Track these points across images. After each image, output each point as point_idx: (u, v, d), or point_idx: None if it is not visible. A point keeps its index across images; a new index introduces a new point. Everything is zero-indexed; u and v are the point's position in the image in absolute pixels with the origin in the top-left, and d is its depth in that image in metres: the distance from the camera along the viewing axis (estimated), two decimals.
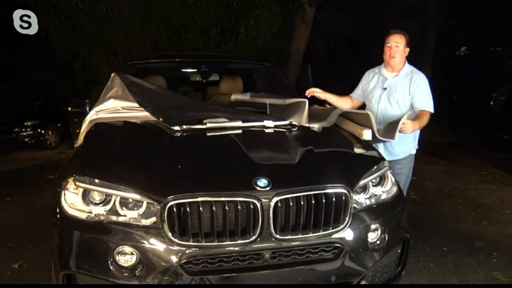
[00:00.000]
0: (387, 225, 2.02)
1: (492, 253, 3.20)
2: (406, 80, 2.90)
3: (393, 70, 2.96)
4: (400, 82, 2.91)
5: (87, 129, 2.52)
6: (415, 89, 2.84)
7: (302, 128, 2.50)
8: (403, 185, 2.89)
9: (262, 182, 1.78)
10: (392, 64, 2.92)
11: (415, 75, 2.89)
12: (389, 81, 2.95)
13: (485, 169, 6.15)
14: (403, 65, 2.94)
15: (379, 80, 3.03)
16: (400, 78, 2.92)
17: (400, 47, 2.88)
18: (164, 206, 1.69)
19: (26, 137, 9.64)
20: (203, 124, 2.34)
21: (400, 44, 2.88)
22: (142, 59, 4.10)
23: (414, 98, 2.85)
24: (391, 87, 2.93)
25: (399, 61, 2.91)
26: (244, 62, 4.25)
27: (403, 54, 2.91)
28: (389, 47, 2.90)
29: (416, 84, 2.85)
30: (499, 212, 4.20)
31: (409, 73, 2.92)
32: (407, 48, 2.93)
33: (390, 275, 2.16)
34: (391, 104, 2.92)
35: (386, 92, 2.95)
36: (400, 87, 2.89)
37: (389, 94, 2.93)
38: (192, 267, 1.74)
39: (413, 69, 2.95)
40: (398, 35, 2.90)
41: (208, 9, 7.78)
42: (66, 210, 1.82)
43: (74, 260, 1.76)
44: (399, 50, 2.88)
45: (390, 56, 2.89)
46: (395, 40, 2.89)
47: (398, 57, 2.89)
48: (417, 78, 2.87)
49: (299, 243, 1.82)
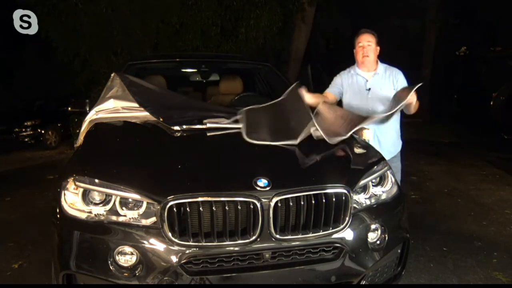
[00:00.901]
0: (387, 225, 2.02)
1: (492, 253, 3.20)
2: (387, 77, 2.93)
3: (369, 70, 2.96)
4: (382, 80, 2.94)
5: (87, 129, 2.52)
6: (398, 84, 2.89)
7: None
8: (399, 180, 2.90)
9: (262, 182, 1.78)
10: (367, 63, 2.93)
11: (394, 71, 2.94)
12: (371, 80, 2.95)
13: (485, 169, 6.15)
14: (377, 63, 2.97)
15: (358, 81, 3.00)
16: (380, 76, 2.94)
17: (372, 45, 2.90)
18: (164, 206, 1.69)
19: (26, 137, 9.64)
20: (203, 124, 2.34)
21: (371, 42, 2.90)
22: (142, 59, 4.10)
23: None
24: (374, 87, 2.94)
25: (373, 60, 2.93)
26: (244, 62, 4.25)
27: (375, 53, 2.93)
28: (361, 46, 2.91)
29: (398, 79, 2.90)
30: (499, 212, 4.20)
31: (386, 69, 2.96)
32: (378, 47, 2.95)
33: (390, 275, 2.16)
34: (381, 103, 2.89)
35: (371, 92, 2.94)
36: (384, 85, 2.92)
37: (376, 94, 2.92)
38: (192, 267, 1.73)
39: (387, 66, 2.99)
40: (369, 34, 2.92)
41: (208, 9, 7.79)
42: (66, 210, 1.81)
43: (74, 260, 1.76)
44: (371, 49, 2.90)
45: (364, 55, 2.90)
46: (366, 39, 2.91)
47: (371, 56, 2.91)
48: (396, 72, 2.93)
49: (299, 243, 1.82)
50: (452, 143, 8.92)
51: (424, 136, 8.80)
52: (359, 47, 2.94)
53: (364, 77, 2.98)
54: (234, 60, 4.39)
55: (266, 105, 2.73)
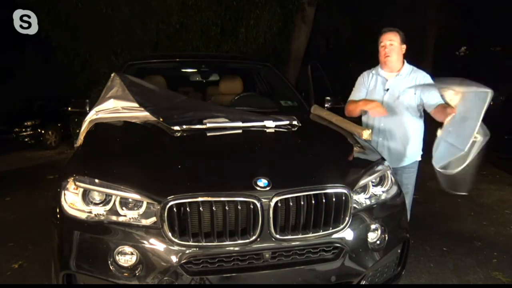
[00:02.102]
0: (387, 225, 2.02)
1: (492, 253, 3.20)
2: (410, 79, 2.74)
3: (392, 70, 2.79)
4: (403, 82, 2.74)
5: (87, 129, 2.52)
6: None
7: (302, 128, 2.50)
8: (410, 196, 2.81)
9: (262, 182, 1.78)
10: (389, 64, 2.76)
11: (419, 74, 2.75)
12: (390, 81, 2.78)
13: (485, 169, 6.14)
14: (402, 64, 2.79)
15: (379, 81, 2.84)
16: (402, 78, 2.76)
17: (395, 44, 2.72)
18: (164, 206, 1.69)
19: (26, 137, 9.64)
20: (203, 124, 2.34)
21: (394, 41, 2.72)
22: (142, 59, 4.11)
23: (428, 98, 2.63)
24: (393, 88, 2.76)
25: (396, 60, 2.75)
26: (244, 62, 4.25)
27: (399, 52, 2.75)
28: (383, 46, 2.75)
29: (423, 82, 2.69)
30: (499, 212, 4.20)
31: (411, 72, 2.77)
32: (403, 45, 2.77)
33: (390, 275, 2.16)
34: (395, 106, 2.74)
35: (389, 93, 2.77)
36: (404, 87, 2.72)
37: (392, 96, 2.75)
38: (192, 267, 1.73)
39: (414, 68, 2.81)
40: (392, 32, 2.74)
41: (208, 9, 7.78)
42: (66, 210, 1.81)
43: (74, 260, 1.76)
44: (394, 48, 2.72)
45: (386, 55, 2.73)
46: (388, 38, 2.73)
47: (394, 56, 2.73)
48: (422, 76, 2.73)
49: (299, 243, 1.82)
50: None
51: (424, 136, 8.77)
52: (381, 47, 2.77)
53: (385, 77, 2.82)
54: (234, 60, 4.40)
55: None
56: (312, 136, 2.48)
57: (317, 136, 2.65)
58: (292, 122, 2.49)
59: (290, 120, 2.49)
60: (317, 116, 3.01)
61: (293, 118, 2.52)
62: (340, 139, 2.53)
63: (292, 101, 3.42)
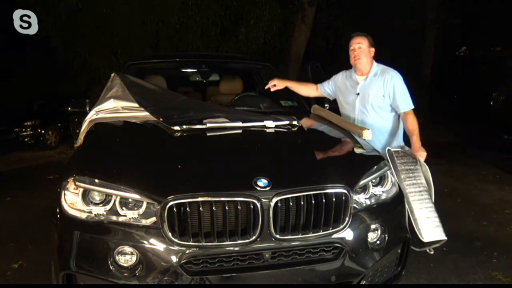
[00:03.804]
0: (387, 225, 2.02)
1: (492, 253, 3.20)
2: (378, 80, 2.87)
3: (362, 73, 2.94)
4: (372, 84, 2.89)
5: (87, 129, 2.52)
6: (391, 89, 2.81)
7: (302, 128, 2.50)
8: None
9: (262, 182, 1.78)
10: (360, 67, 2.91)
11: (387, 74, 2.85)
12: (361, 85, 2.93)
13: (485, 169, 6.14)
14: (371, 66, 2.93)
15: (351, 85, 3.02)
16: (370, 80, 2.90)
17: (364, 47, 2.87)
18: (164, 206, 1.69)
19: (26, 137, 9.63)
20: (203, 124, 2.34)
21: (363, 45, 2.88)
22: (142, 59, 4.11)
23: (395, 100, 2.81)
24: (363, 92, 2.91)
25: (366, 62, 2.90)
26: (244, 62, 4.25)
27: (368, 55, 2.90)
28: (353, 50, 2.90)
29: (390, 83, 2.81)
30: (499, 212, 4.19)
31: (379, 72, 2.89)
32: (372, 49, 2.92)
33: (390, 275, 2.16)
34: (366, 109, 2.90)
35: (360, 97, 2.94)
36: (372, 90, 2.86)
37: (363, 99, 2.91)
38: (192, 267, 1.74)
39: (382, 68, 2.92)
40: (360, 37, 2.91)
41: (208, 9, 7.79)
42: (66, 210, 1.82)
43: (74, 260, 1.76)
44: (363, 51, 2.87)
45: (356, 58, 2.89)
46: (357, 41, 2.89)
47: (364, 59, 2.88)
48: (389, 77, 2.83)
49: (299, 243, 1.82)
50: (452, 143, 8.91)
51: (424, 136, 8.77)
52: (351, 51, 2.93)
53: (356, 81, 2.98)
54: (234, 60, 4.40)
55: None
56: (312, 136, 2.49)
57: (317, 136, 2.65)
58: (292, 122, 2.49)
59: (290, 120, 2.49)
60: (317, 116, 3.01)
61: (293, 118, 2.52)
62: (340, 139, 2.53)
63: (292, 101, 3.43)
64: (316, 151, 2.20)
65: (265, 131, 2.42)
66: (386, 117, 2.91)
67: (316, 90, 3.26)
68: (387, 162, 2.30)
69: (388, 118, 2.92)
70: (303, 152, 2.20)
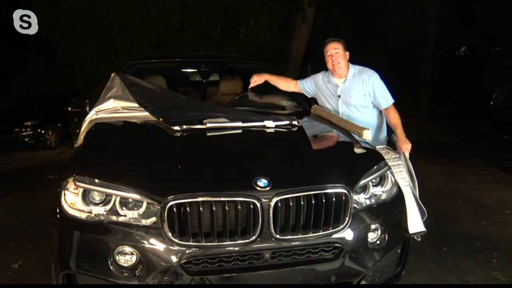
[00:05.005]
0: (387, 225, 2.02)
1: (492, 253, 3.20)
2: (356, 81, 2.99)
3: (341, 76, 3.04)
4: (352, 85, 3.00)
5: (87, 129, 2.51)
6: (371, 88, 2.94)
7: (302, 128, 2.50)
8: None
9: (262, 182, 1.78)
10: (338, 70, 3.00)
11: (364, 74, 2.98)
12: (341, 87, 3.04)
13: (485, 169, 6.14)
14: (348, 69, 3.02)
15: (331, 87, 3.11)
16: (349, 82, 3.01)
17: (340, 52, 2.97)
18: (164, 206, 1.69)
19: (26, 137, 9.62)
20: (203, 124, 2.33)
21: (339, 49, 2.97)
22: (142, 59, 4.11)
23: (376, 99, 2.95)
24: (344, 94, 3.02)
25: (344, 66, 3.00)
26: (244, 62, 4.26)
27: (344, 58, 3.00)
28: (330, 55, 2.99)
29: (369, 83, 2.95)
30: (499, 212, 4.20)
31: (357, 73, 3.01)
32: (347, 52, 3.02)
33: (390, 275, 2.16)
34: (350, 110, 3.02)
35: (341, 99, 3.04)
36: (353, 91, 2.98)
37: (345, 101, 3.02)
38: (192, 267, 1.74)
39: (359, 69, 3.04)
40: (335, 42, 3.01)
41: (208, 9, 7.79)
42: (66, 210, 1.82)
43: (74, 260, 1.76)
44: (340, 55, 2.97)
45: (334, 63, 2.97)
46: (333, 47, 2.98)
47: (342, 62, 2.97)
48: (367, 76, 2.97)
49: (299, 243, 1.82)
50: (452, 143, 8.92)
51: (424, 136, 8.79)
52: (328, 57, 3.01)
53: (336, 84, 3.08)
54: (234, 60, 4.40)
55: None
56: (312, 136, 2.48)
57: (317, 136, 2.65)
58: (292, 122, 2.49)
59: (290, 120, 2.49)
60: (317, 116, 3.01)
61: (293, 118, 2.52)
62: (340, 139, 2.54)
63: (292, 101, 3.43)
64: (316, 151, 2.20)
65: (265, 131, 2.42)
66: (370, 114, 3.05)
67: (295, 86, 3.32)
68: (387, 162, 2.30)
69: (371, 114, 3.06)
70: (303, 152, 2.20)
